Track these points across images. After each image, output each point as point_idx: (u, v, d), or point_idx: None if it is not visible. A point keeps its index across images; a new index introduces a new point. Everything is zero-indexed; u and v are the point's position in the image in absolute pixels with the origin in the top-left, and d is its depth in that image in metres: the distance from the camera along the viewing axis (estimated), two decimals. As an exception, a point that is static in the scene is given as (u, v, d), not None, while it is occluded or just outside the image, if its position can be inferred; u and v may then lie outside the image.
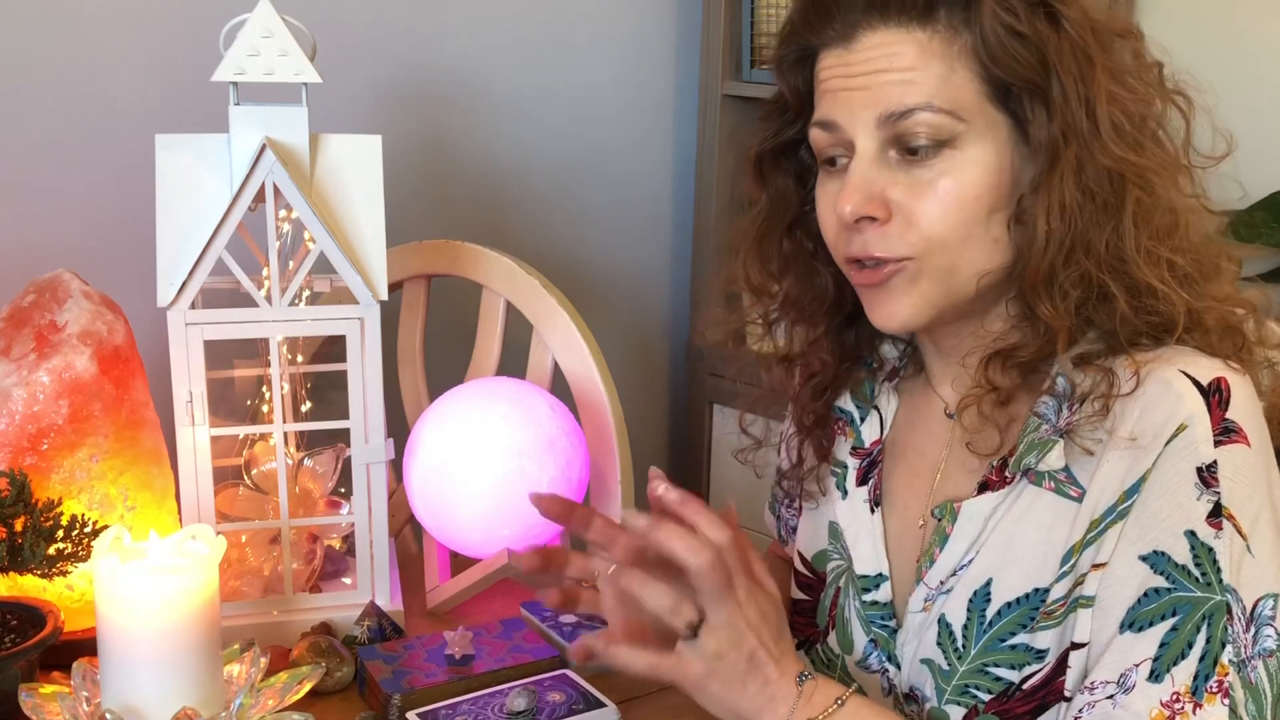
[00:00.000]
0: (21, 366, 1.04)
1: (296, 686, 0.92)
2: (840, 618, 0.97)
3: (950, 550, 0.87)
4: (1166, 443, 0.77)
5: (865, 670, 0.95)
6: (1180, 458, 0.77)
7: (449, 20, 1.67)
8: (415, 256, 1.37)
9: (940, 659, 0.87)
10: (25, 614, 0.97)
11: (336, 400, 1.14)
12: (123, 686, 0.85)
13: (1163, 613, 0.76)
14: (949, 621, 0.87)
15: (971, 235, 0.82)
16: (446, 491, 1.15)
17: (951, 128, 0.80)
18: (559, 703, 0.95)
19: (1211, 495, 0.76)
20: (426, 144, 1.67)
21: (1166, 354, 0.80)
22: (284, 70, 1.05)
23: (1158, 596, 0.76)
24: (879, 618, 0.93)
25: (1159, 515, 0.77)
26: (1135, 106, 0.82)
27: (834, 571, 0.99)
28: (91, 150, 1.39)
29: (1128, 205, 0.80)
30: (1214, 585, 0.75)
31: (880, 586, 0.94)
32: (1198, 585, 0.76)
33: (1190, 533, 0.76)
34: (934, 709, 0.87)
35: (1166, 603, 0.76)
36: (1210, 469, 0.77)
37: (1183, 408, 0.77)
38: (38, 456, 1.03)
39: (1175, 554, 0.76)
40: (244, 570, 1.14)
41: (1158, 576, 0.77)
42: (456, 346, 1.40)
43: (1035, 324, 0.83)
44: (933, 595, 0.88)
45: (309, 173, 1.07)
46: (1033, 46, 0.79)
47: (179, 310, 1.03)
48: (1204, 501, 0.76)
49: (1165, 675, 0.75)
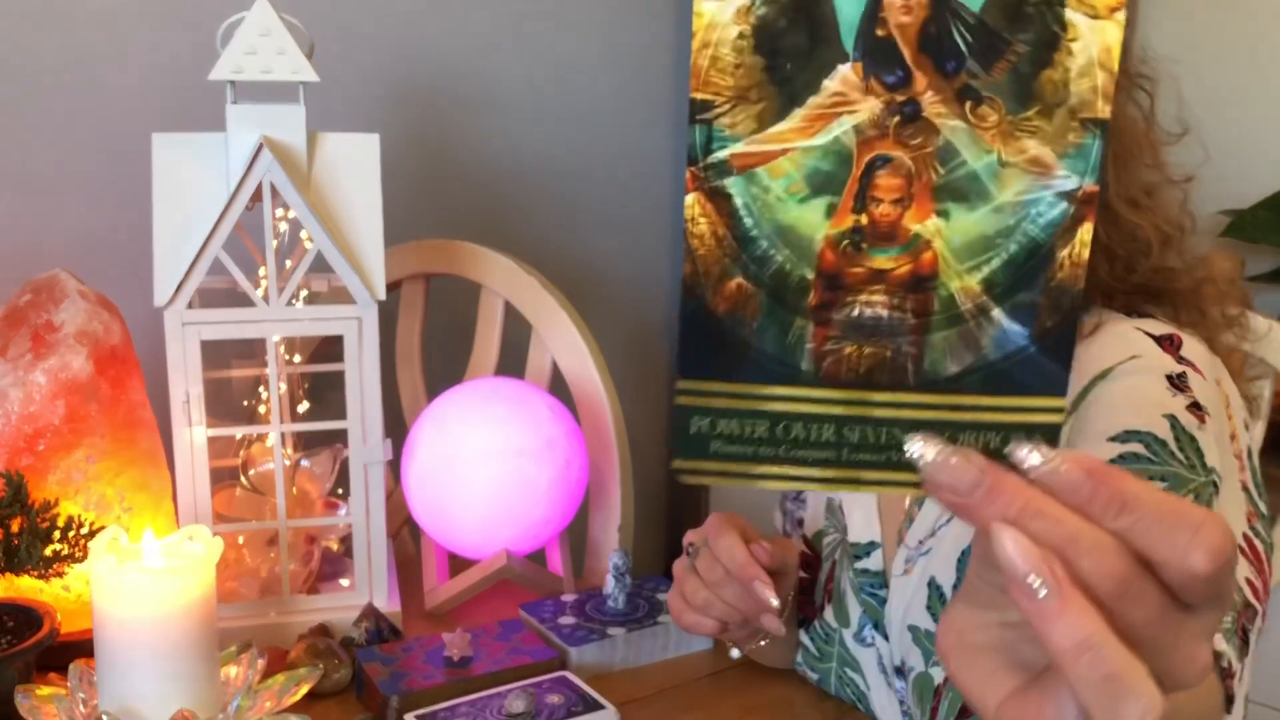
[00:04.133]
0: (18, 366, 1.03)
1: (294, 688, 0.92)
2: (836, 590, 0.99)
3: (928, 508, 0.89)
4: (1119, 364, 0.81)
5: (862, 645, 0.97)
6: (1143, 370, 0.80)
7: (447, 19, 1.66)
8: (414, 256, 1.37)
9: (930, 624, 0.88)
10: (22, 615, 0.97)
11: (334, 400, 1.13)
12: (119, 688, 0.84)
13: (1150, 475, 0.75)
14: (939, 584, 0.88)
15: None
16: (445, 492, 1.14)
17: None
18: (558, 705, 0.94)
19: (1187, 396, 0.78)
20: (425, 143, 1.67)
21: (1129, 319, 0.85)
22: (281, 69, 1.05)
23: (1136, 461, 0.76)
24: (869, 586, 0.95)
25: (1126, 408, 0.79)
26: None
27: (829, 545, 1.01)
28: (88, 149, 1.38)
29: (1108, 154, 0.85)
30: (1198, 469, 0.76)
31: (872, 554, 0.95)
32: (1183, 466, 0.76)
33: (1171, 416, 0.77)
34: (920, 675, 0.88)
35: (1155, 469, 0.75)
36: (1180, 378, 0.79)
37: (1134, 347, 0.82)
38: (34, 457, 1.03)
39: (1156, 430, 0.77)
40: (241, 571, 1.14)
41: (1134, 444, 0.76)
42: (455, 346, 1.40)
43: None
44: (913, 556, 0.90)
45: (306, 172, 1.07)
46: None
47: (176, 310, 1.03)
48: (1181, 398, 0.78)
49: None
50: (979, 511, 0.39)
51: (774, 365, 0.42)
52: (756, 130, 0.41)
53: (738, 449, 0.43)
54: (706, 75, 0.40)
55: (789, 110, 0.40)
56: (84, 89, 1.37)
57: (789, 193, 0.41)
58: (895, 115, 0.40)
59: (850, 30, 0.40)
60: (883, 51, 0.40)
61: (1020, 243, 0.41)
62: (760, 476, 0.43)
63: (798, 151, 0.41)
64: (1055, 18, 0.40)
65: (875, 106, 0.40)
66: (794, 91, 0.40)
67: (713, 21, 0.40)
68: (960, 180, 0.41)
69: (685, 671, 1.06)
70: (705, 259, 0.41)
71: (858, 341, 0.42)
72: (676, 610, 0.89)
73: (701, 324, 0.42)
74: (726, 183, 0.41)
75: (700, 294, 0.42)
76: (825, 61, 0.40)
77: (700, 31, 0.40)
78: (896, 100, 0.40)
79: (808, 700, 1.01)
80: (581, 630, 1.07)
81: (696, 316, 0.42)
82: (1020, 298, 0.41)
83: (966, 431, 0.42)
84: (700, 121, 0.41)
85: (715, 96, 0.40)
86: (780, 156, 0.41)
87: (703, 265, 0.41)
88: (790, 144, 0.41)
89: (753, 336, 0.42)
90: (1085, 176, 0.41)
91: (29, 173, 1.35)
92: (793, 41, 0.40)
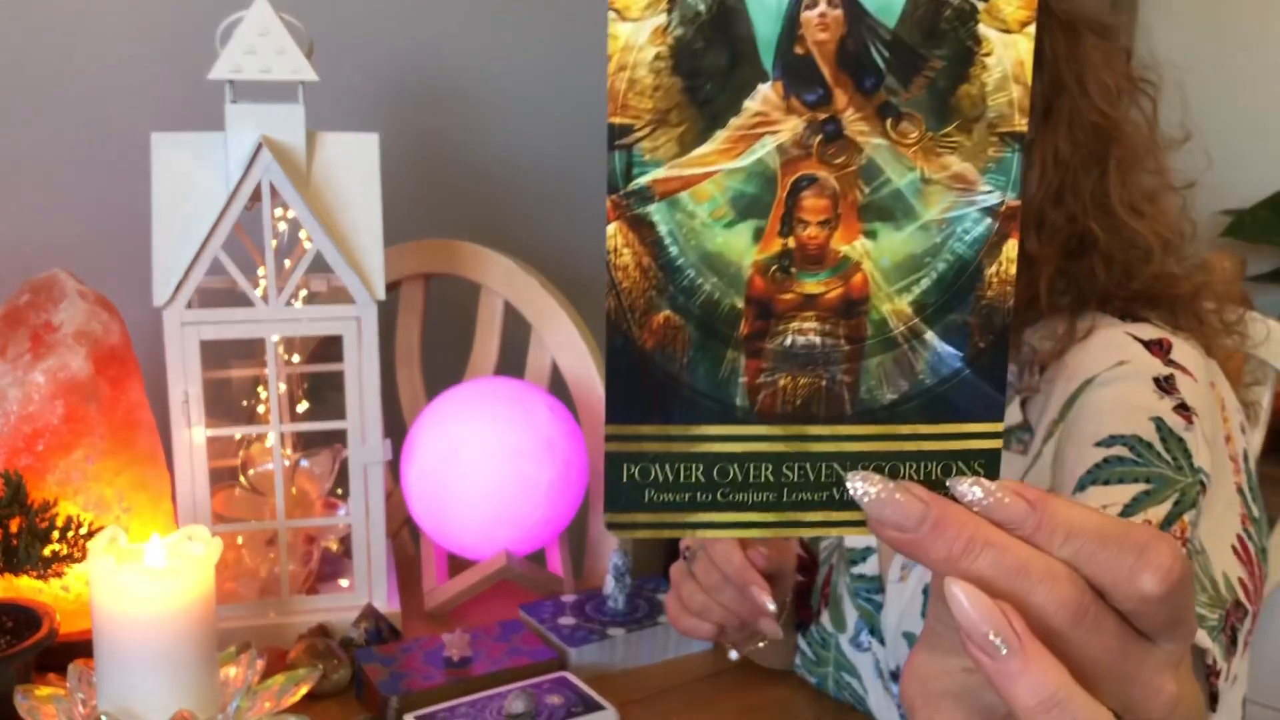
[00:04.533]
0: (17, 367, 1.03)
1: (293, 689, 0.92)
2: (833, 595, 0.99)
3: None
4: (1108, 369, 0.82)
5: (858, 649, 0.97)
6: (1131, 375, 0.81)
7: (447, 19, 1.66)
8: (413, 256, 1.37)
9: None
10: (21, 615, 0.97)
11: (333, 400, 1.13)
12: (118, 688, 0.84)
13: (1135, 477, 0.76)
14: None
15: None
16: (444, 492, 1.14)
17: None
18: (558, 705, 0.94)
19: (1174, 398, 0.79)
20: (425, 142, 1.66)
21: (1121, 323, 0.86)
22: (281, 68, 1.04)
23: (1120, 464, 0.77)
24: (865, 591, 0.95)
25: (1113, 413, 0.79)
26: (1114, 80, 0.89)
27: (826, 549, 1.01)
28: (87, 149, 1.38)
29: (1112, 159, 0.87)
30: (1185, 469, 0.76)
31: (868, 559, 0.95)
32: (1169, 467, 0.76)
33: (1157, 418, 0.78)
34: None
35: (1140, 470, 0.76)
36: (1168, 380, 0.80)
37: (1123, 353, 0.83)
38: (33, 457, 1.03)
39: (1141, 432, 0.77)
40: (240, 572, 1.13)
41: (1118, 448, 0.77)
42: (455, 346, 1.40)
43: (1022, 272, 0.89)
44: (908, 563, 0.90)
45: (306, 171, 1.07)
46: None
47: (175, 310, 1.03)
48: (1168, 400, 0.79)
49: (1138, 514, 0.75)
50: (927, 547, 0.37)
51: (707, 403, 0.41)
52: (678, 154, 0.39)
53: (673, 497, 0.41)
54: (624, 98, 0.39)
55: (711, 132, 0.39)
56: (83, 88, 1.37)
57: (714, 218, 0.40)
58: (817, 134, 0.39)
59: (769, 48, 0.39)
60: (802, 69, 0.39)
61: (948, 261, 0.40)
62: (697, 525, 0.41)
63: (721, 174, 0.39)
64: (969, 33, 0.39)
65: (797, 125, 0.39)
66: (715, 112, 0.39)
67: (628, 43, 0.39)
68: (885, 199, 0.40)
69: (685, 672, 1.06)
70: (630, 292, 0.40)
71: (792, 372, 0.41)
72: (674, 614, 0.89)
73: (630, 362, 0.40)
74: (649, 209, 0.39)
75: (626, 330, 0.40)
76: (745, 81, 0.39)
77: (616, 54, 0.39)
78: (818, 118, 0.39)
79: (807, 701, 1.01)
80: (581, 631, 1.07)
81: (624, 354, 0.40)
82: (952, 318, 0.41)
83: (907, 462, 0.41)
84: (619, 147, 0.39)
85: (634, 120, 0.39)
86: (704, 180, 0.39)
87: (627, 299, 0.40)
88: (714, 166, 0.39)
89: (684, 372, 0.40)
90: (1007, 191, 0.40)
91: (28, 172, 1.35)
92: (711, 61, 0.39)
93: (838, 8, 0.39)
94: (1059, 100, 0.86)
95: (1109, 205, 0.86)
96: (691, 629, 0.88)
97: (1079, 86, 0.86)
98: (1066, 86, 0.86)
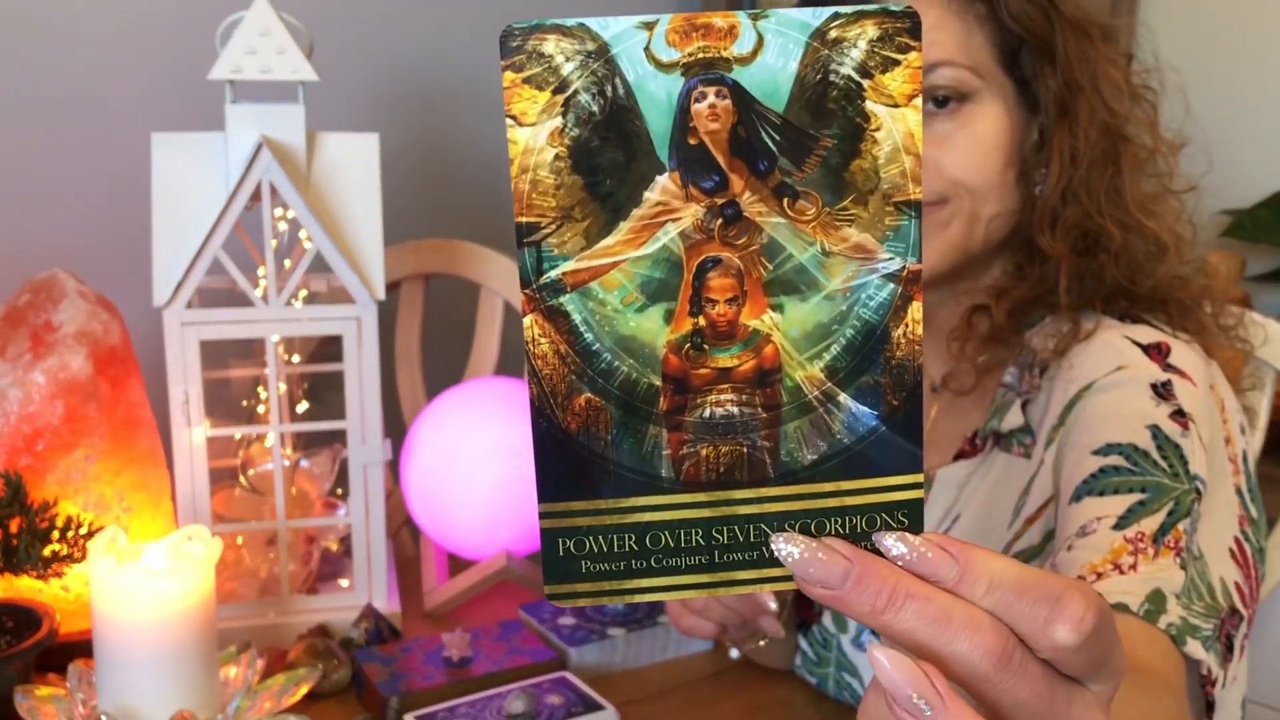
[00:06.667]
0: (17, 367, 1.03)
1: (293, 689, 0.92)
2: None
3: (926, 518, 0.89)
4: (1105, 375, 0.82)
5: (859, 650, 0.97)
6: (1128, 382, 0.81)
7: (447, 18, 1.66)
8: (413, 256, 1.37)
9: None
10: (21, 616, 0.97)
11: (333, 400, 1.13)
12: (118, 688, 0.84)
13: (1130, 487, 0.76)
14: None
15: (991, 185, 0.88)
16: (444, 492, 1.14)
17: (971, 83, 0.87)
18: (558, 705, 0.94)
19: (1171, 404, 0.79)
20: (425, 142, 1.66)
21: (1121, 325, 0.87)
22: (281, 68, 1.04)
23: (1116, 474, 0.77)
24: None
25: (1111, 420, 0.80)
26: (1123, 82, 0.90)
27: None
28: (87, 149, 1.38)
29: (1124, 158, 0.88)
30: (1181, 476, 0.76)
31: None
32: (1165, 475, 0.76)
33: (1154, 426, 0.78)
34: None
35: (1135, 479, 0.76)
36: (1165, 386, 0.80)
37: (1121, 358, 0.83)
38: (33, 457, 1.03)
39: (1138, 441, 0.78)
40: (240, 572, 1.13)
41: (1114, 457, 0.77)
42: (455, 346, 1.40)
43: (1031, 270, 0.90)
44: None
45: (306, 171, 1.07)
46: (1039, 6, 0.88)
47: (175, 310, 1.03)
48: (1165, 406, 0.79)
49: (1132, 525, 0.74)
50: (852, 602, 0.39)
51: (634, 476, 0.42)
52: (585, 247, 0.41)
53: (608, 566, 0.42)
54: (529, 199, 0.41)
55: (614, 224, 0.41)
56: (83, 88, 1.37)
57: (625, 303, 0.41)
58: (718, 218, 0.41)
59: (663, 142, 0.40)
60: (697, 159, 0.40)
61: (855, 327, 0.42)
62: (635, 591, 0.43)
63: (628, 263, 0.41)
64: (856, 110, 0.40)
65: (698, 211, 0.41)
66: (617, 205, 0.41)
67: (527, 147, 0.41)
68: (789, 274, 0.41)
69: (685, 672, 1.06)
70: (550, 378, 0.41)
71: (713, 442, 0.42)
72: (675, 613, 0.89)
73: (555, 444, 0.42)
74: (562, 300, 0.41)
75: (550, 414, 0.41)
76: (644, 173, 0.40)
77: (517, 158, 0.41)
78: (717, 203, 0.41)
79: (807, 701, 1.01)
80: (581, 631, 1.07)
81: (550, 438, 0.42)
82: (863, 380, 0.42)
83: (832, 518, 0.42)
84: (528, 244, 0.41)
85: (540, 218, 0.41)
86: (612, 269, 0.41)
87: (549, 385, 0.41)
88: (620, 256, 0.41)
89: (609, 450, 0.42)
90: (908, 256, 0.41)
91: (28, 173, 1.35)
92: (609, 158, 0.40)
93: (726, 98, 0.40)
94: (1074, 100, 0.87)
95: (1123, 204, 0.87)
96: (692, 628, 0.88)
97: (1092, 87, 0.88)
98: (1081, 86, 0.87)
